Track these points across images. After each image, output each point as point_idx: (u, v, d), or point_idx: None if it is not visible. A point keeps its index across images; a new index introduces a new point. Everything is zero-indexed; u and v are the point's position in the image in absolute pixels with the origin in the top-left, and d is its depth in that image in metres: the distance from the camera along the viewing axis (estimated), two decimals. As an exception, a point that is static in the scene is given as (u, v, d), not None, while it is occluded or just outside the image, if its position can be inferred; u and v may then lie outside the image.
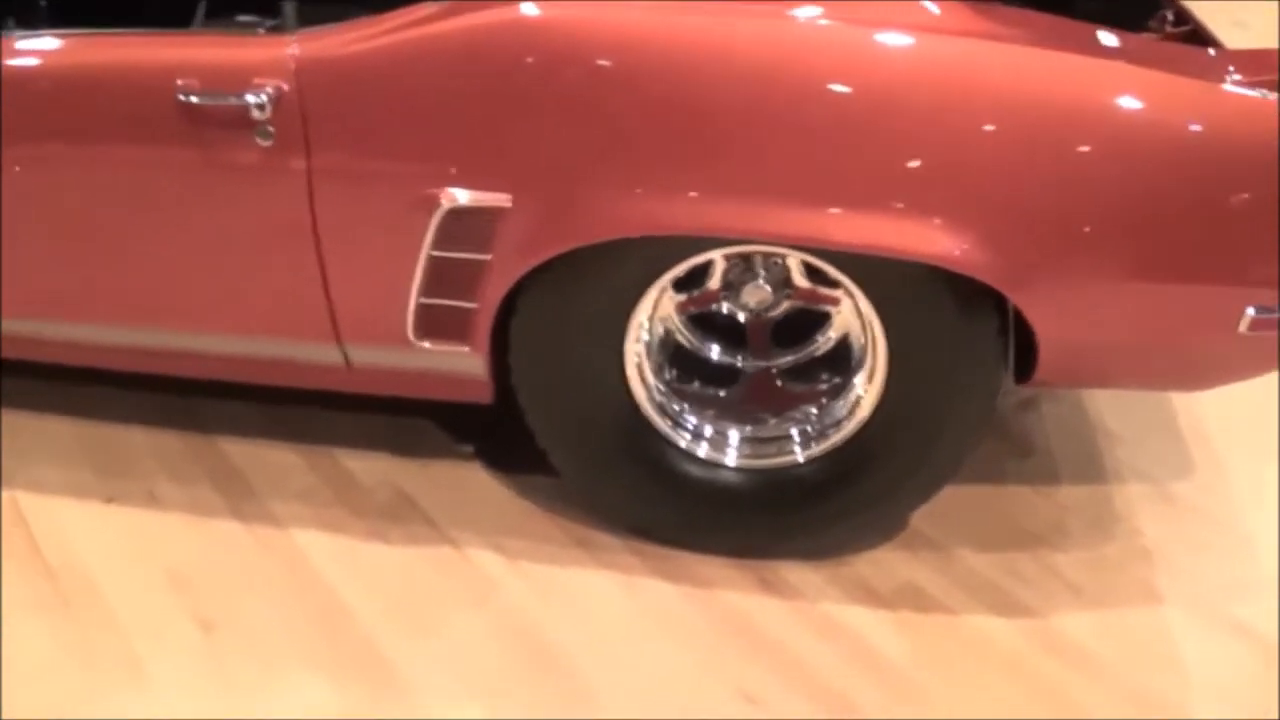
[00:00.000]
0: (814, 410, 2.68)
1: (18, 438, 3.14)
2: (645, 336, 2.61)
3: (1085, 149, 2.23)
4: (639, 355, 2.61)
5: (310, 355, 2.74)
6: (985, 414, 2.56)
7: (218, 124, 2.49)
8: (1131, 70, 2.28)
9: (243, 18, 3.11)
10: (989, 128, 2.23)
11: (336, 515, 2.89)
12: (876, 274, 2.41)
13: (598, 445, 2.68)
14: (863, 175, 2.27)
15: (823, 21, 2.31)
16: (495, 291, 2.51)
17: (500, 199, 2.41)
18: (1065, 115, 2.23)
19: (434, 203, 2.43)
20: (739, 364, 2.76)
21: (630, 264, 2.47)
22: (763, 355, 2.75)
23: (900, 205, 2.26)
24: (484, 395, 2.72)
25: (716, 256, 2.53)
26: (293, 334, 2.72)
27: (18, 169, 2.66)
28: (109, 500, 2.95)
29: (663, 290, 2.56)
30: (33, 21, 3.17)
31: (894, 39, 2.27)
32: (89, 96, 2.57)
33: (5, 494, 2.98)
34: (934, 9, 2.31)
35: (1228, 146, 2.24)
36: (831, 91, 2.26)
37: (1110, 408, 3.23)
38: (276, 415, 3.16)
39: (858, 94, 2.25)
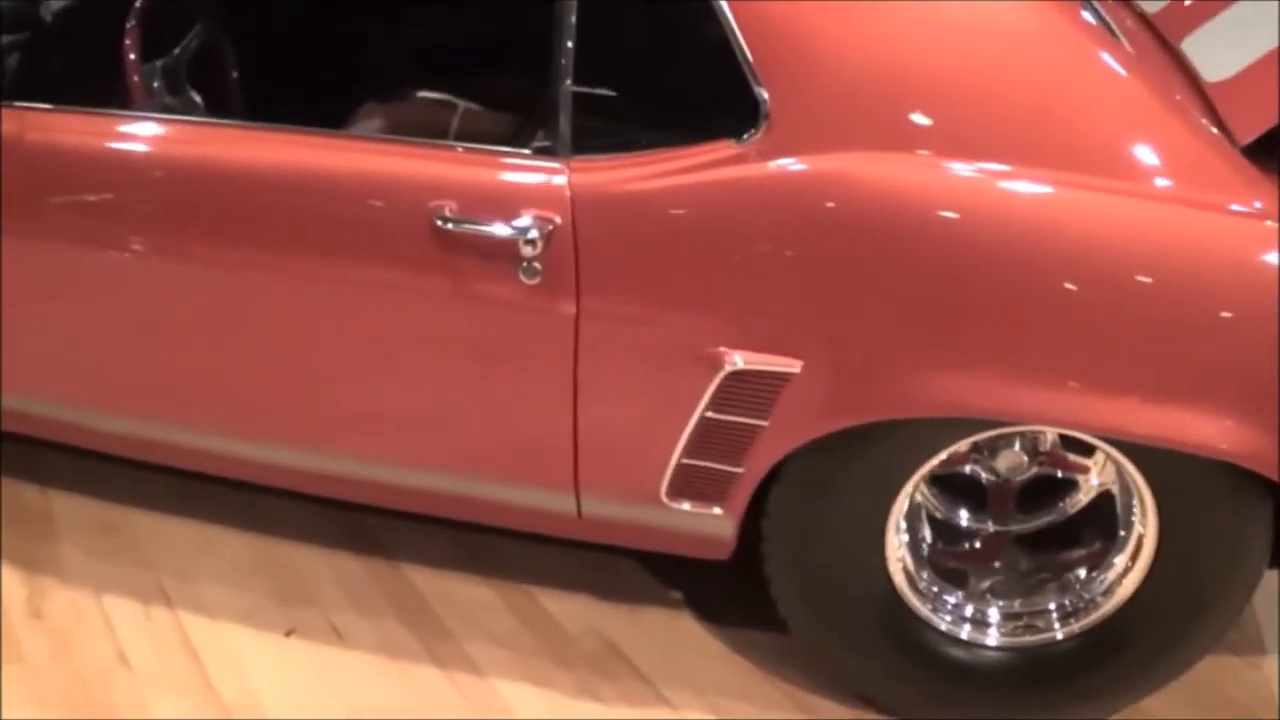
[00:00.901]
0: (1080, 575, 2.50)
1: (180, 551, 2.92)
2: (904, 528, 2.44)
3: None
4: (901, 543, 2.44)
5: (539, 501, 2.53)
6: (1244, 600, 2.42)
7: (475, 253, 2.28)
8: None
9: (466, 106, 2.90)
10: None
11: (541, 665, 2.67)
12: (1165, 466, 2.24)
13: (849, 621, 2.49)
14: (1168, 367, 2.11)
15: (1146, 203, 2.10)
16: (766, 459, 2.32)
17: (789, 364, 2.20)
18: None
19: (717, 363, 2.23)
20: (990, 529, 2.58)
21: (913, 441, 2.28)
22: (1006, 520, 2.57)
23: (1200, 399, 2.10)
24: (721, 553, 2.52)
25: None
26: (526, 480, 2.51)
27: (225, 275, 2.45)
28: (289, 632, 2.72)
29: (931, 468, 2.36)
30: (225, 102, 2.93)
31: (1194, 225, 2.08)
32: (326, 206, 2.37)
33: (169, 614, 2.74)
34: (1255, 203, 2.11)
35: None
36: (1147, 279, 2.07)
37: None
38: (464, 542, 2.93)
39: (1172, 282, 2.07)
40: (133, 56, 2.68)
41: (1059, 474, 2.50)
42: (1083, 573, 2.50)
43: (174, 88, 2.81)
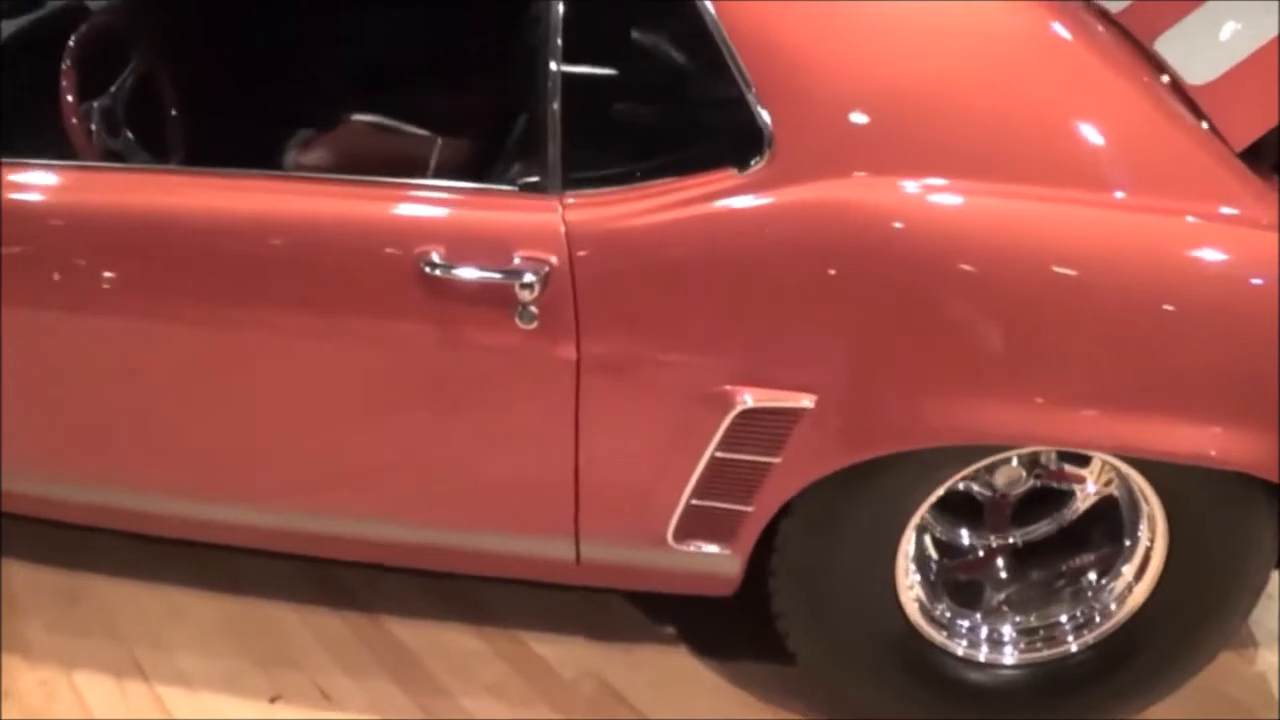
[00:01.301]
0: (1091, 580, 2.48)
1: (150, 619, 2.77)
2: (913, 552, 2.41)
3: None
4: (914, 578, 2.41)
5: (536, 550, 2.44)
6: (1254, 602, 2.42)
7: (467, 300, 2.17)
8: None
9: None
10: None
11: (539, 714, 2.58)
12: (1171, 473, 2.21)
13: (863, 653, 2.44)
14: (1182, 383, 2.07)
15: (1140, 215, 2.04)
16: (778, 496, 2.25)
17: (802, 400, 2.13)
18: None
19: (728, 402, 2.16)
20: (993, 543, 2.54)
21: (922, 468, 2.23)
22: (1006, 532, 2.54)
23: (1212, 413, 2.07)
24: (726, 590, 2.46)
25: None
26: (523, 529, 2.41)
27: (200, 333, 2.32)
28: (274, 699, 2.59)
29: (940, 496, 2.32)
30: (163, 137, 2.78)
31: (1181, 234, 2.04)
32: (305, 256, 2.23)
33: (145, 687, 2.60)
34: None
35: None
36: (1152, 297, 2.02)
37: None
38: (443, 590, 2.82)
39: (1178, 302, 2.02)
40: (70, 99, 2.53)
41: (1055, 485, 2.48)
42: (1094, 577, 2.48)
43: (112, 129, 2.66)
